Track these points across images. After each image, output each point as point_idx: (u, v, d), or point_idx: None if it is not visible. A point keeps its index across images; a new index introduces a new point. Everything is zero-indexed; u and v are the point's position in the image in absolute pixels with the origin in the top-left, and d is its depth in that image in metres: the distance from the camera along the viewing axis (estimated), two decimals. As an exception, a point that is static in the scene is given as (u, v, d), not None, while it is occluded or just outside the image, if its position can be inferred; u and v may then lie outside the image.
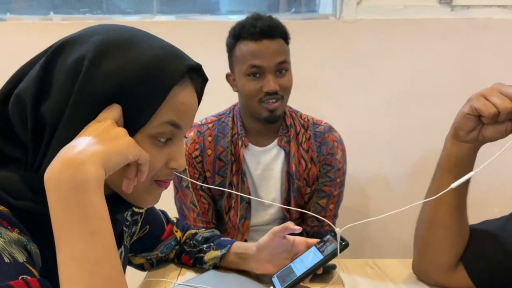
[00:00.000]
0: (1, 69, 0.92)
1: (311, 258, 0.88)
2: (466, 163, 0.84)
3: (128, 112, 0.57)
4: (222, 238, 1.04)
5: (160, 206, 1.09)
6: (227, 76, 1.35)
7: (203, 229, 1.12)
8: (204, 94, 0.70)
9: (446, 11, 1.89)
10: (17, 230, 0.55)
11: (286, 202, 1.36)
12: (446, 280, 0.87)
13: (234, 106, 1.39)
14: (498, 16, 1.88)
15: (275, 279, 0.89)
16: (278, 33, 1.25)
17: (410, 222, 0.95)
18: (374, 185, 1.90)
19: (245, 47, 1.24)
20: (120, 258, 0.72)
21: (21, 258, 0.53)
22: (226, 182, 1.33)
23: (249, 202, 1.35)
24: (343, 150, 1.39)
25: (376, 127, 1.92)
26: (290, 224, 0.93)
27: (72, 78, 0.56)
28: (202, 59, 2.19)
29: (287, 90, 1.28)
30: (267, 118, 1.27)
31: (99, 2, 2.00)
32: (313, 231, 1.37)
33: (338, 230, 0.83)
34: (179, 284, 0.93)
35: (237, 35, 1.26)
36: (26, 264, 0.53)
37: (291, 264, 0.91)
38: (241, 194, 1.32)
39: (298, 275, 0.86)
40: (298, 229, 0.93)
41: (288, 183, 1.35)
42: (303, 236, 1.17)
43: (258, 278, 0.96)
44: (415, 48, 1.89)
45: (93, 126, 0.55)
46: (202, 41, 1.84)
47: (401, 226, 1.92)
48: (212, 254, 0.99)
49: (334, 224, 1.39)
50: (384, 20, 1.87)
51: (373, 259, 1.07)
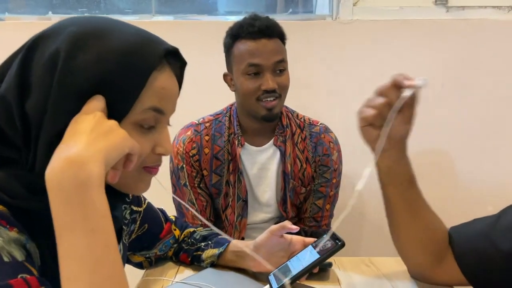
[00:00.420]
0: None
1: (308, 257, 0.89)
2: (400, 169, 0.88)
3: (110, 101, 0.57)
4: (220, 237, 1.05)
5: (158, 204, 1.10)
6: (225, 75, 1.35)
7: (201, 227, 1.13)
8: (202, 94, 0.71)
9: (441, 12, 1.91)
10: (15, 229, 0.55)
11: (282, 202, 1.37)
12: (439, 277, 0.88)
13: (231, 105, 1.40)
14: (493, 17, 1.89)
15: (272, 277, 0.90)
16: (275, 33, 1.27)
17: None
18: (369, 186, 1.90)
19: (243, 46, 1.25)
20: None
21: (20, 257, 0.53)
22: (223, 181, 1.34)
23: (245, 201, 1.36)
24: (339, 151, 1.40)
25: (372, 127, 1.93)
26: (288, 223, 0.94)
27: (50, 72, 0.56)
28: (200, 59, 2.21)
29: (285, 88, 1.29)
30: (265, 116, 1.28)
31: (97, 2, 2.00)
32: (310, 231, 1.38)
33: (333, 232, 0.85)
34: (177, 282, 0.94)
35: (235, 35, 1.27)
36: (25, 263, 0.53)
37: (288, 262, 0.92)
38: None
39: (294, 274, 0.86)
40: (295, 228, 0.94)
41: (284, 183, 1.36)
42: (301, 235, 1.17)
43: (255, 276, 0.96)
44: (411, 48, 1.90)
45: (83, 119, 0.55)
46: (200, 41, 1.85)
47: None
48: (210, 252, 1.00)
49: (330, 223, 1.40)
50: (380, 20, 1.89)
51: (369, 257, 1.08)
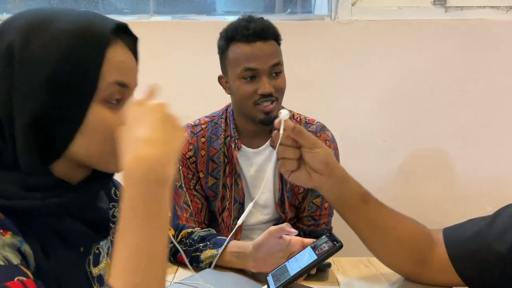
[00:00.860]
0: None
1: (306, 258, 0.89)
2: (346, 193, 0.88)
3: (75, 81, 0.59)
4: (219, 237, 1.05)
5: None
6: (220, 78, 1.33)
7: (199, 228, 1.13)
8: (200, 93, 0.71)
9: (440, 12, 1.91)
10: (10, 232, 0.56)
11: (280, 203, 1.36)
12: (429, 278, 0.88)
13: (227, 107, 1.38)
14: (491, 17, 1.90)
15: (270, 278, 0.90)
16: (271, 34, 1.25)
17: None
18: (366, 184, 1.91)
19: (238, 50, 1.23)
20: (107, 254, 0.74)
21: (15, 260, 0.54)
22: (220, 183, 1.33)
23: (242, 204, 1.35)
24: (336, 149, 1.39)
25: (370, 127, 1.93)
26: (287, 226, 0.94)
27: (8, 67, 0.57)
28: (198, 59, 2.20)
29: (282, 91, 1.28)
30: (263, 120, 1.26)
31: (96, 2, 2.00)
32: (309, 230, 1.38)
33: (331, 233, 0.86)
34: (176, 282, 0.93)
35: (229, 37, 1.25)
36: (20, 266, 0.54)
37: (286, 263, 0.92)
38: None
39: (291, 275, 0.86)
40: (294, 232, 0.94)
41: (281, 184, 1.35)
42: (300, 234, 1.16)
43: (254, 276, 0.97)
44: (410, 48, 1.90)
45: (150, 109, 0.59)
46: (199, 41, 1.84)
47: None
48: (208, 253, 1.00)
49: (329, 222, 1.40)
50: (378, 21, 1.89)
51: (367, 257, 1.07)
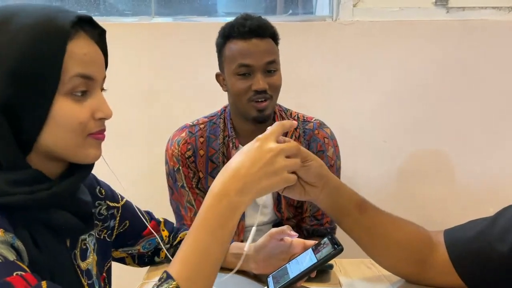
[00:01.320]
0: None
1: (307, 260, 0.89)
2: (340, 203, 0.87)
3: (37, 75, 0.60)
4: None
5: (155, 209, 1.10)
6: (217, 75, 1.35)
7: None
8: (201, 95, 0.71)
9: (441, 13, 1.91)
10: (1, 230, 0.57)
11: (277, 202, 1.36)
12: (430, 280, 0.88)
13: (225, 107, 1.39)
14: (493, 17, 1.89)
15: (270, 279, 0.90)
16: (267, 33, 1.26)
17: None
18: (367, 185, 1.91)
19: (234, 46, 1.25)
20: (93, 249, 0.76)
21: (11, 256, 0.56)
22: None
23: None
24: (335, 146, 1.38)
25: (371, 128, 1.93)
26: (287, 228, 0.94)
27: None
28: (199, 60, 2.21)
29: (276, 89, 1.27)
30: (256, 117, 1.27)
31: (97, 3, 2.00)
32: (312, 229, 1.37)
33: (333, 236, 0.86)
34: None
35: (226, 35, 1.27)
36: (17, 261, 0.56)
37: (287, 265, 0.92)
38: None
39: (291, 277, 0.86)
40: (294, 234, 0.93)
41: None
42: (303, 234, 1.15)
43: (255, 277, 0.96)
44: (411, 49, 1.90)
45: (263, 150, 0.65)
46: (200, 42, 1.84)
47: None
48: None
49: (332, 223, 1.38)
50: (380, 21, 1.89)
51: (370, 259, 1.07)
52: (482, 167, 1.95)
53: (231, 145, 1.32)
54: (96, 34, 0.68)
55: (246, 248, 0.69)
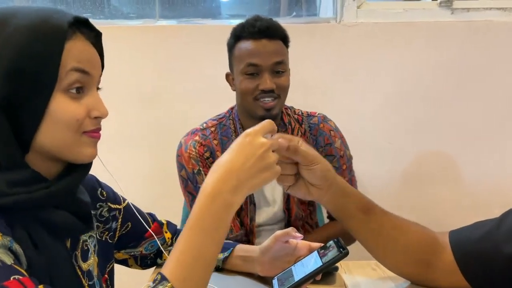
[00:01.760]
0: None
1: (312, 263, 0.89)
2: (344, 205, 0.87)
3: (36, 75, 0.61)
4: (224, 241, 1.04)
5: (159, 211, 1.10)
6: (227, 75, 1.36)
7: None
8: (204, 97, 0.72)
9: (446, 14, 1.90)
10: None
11: (286, 199, 1.37)
12: (436, 281, 0.88)
13: (232, 108, 1.40)
14: (498, 18, 1.89)
15: (275, 281, 0.90)
16: (277, 34, 1.27)
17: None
18: (371, 186, 1.91)
19: (243, 46, 1.26)
20: (94, 251, 0.77)
21: (8, 260, 0.56)
22: None
23: (254, 204, 1.36)
24: (342, 137, 1.39)
25: (375, 129, 1.93)
26: (292, 230, 0.94)
27: None
28: (204, 63, 2.20)
29: (284, 89, 1.28)
30: (263, 116, 1.26)
31: (102, 7, 2.01)
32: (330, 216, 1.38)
33: (338, 239, 0.86)
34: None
35: (237, 35, 1.29)
36: (14, 265, 0.56)
37: (292, 267, 0.92)
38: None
39: (296, 280, 0.86)
40: (300, 236, 0.93)
41: None
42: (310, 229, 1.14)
43: (261, 279, 0.96)
44: (415, 51, 1.90)
45: (254, 145, 0.65)
46: (204, 44, 1.85)
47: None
48: None
49: None
50: (384, 23, 1.89)
51: (375, 260, 1.07)
52: (486, 168, 1.94)
53: None
54: (92, 36, 0.69)
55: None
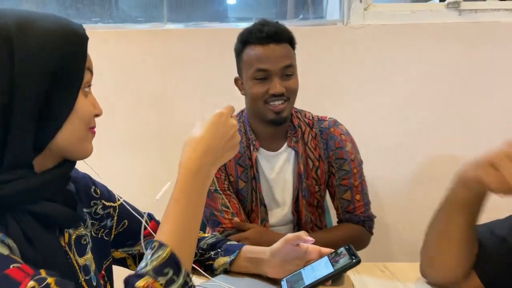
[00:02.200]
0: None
1: (322, 268, 0.89)
2: (477, 201, 0.81)
3: (67, 76, 0.65)
4: (229, 243, 1.04)
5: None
6: (236, 80, 1.38)
7: (204, 234, 1.11)
8: (212, 100, 0.74)
9: (453, 15, 1.90)
10: None
11: (296, 201, 1.37)
12: (455, 286, 0.87)
13: (242, 111, 1.41)
14: (505, 19, 1.88)
15: (284, 283, 0.90)
16: (284, 38, 1.28)
17: (421, 225, 0.96)
18: (381, 189, 1.90)
19: (252, 52, 1.27)
20: (91, 248, 0.78)
21: (5, 251, 0.58)
22: (249, 186, 1.35)
23: (265, 205, 1.37)
24: (352, 141, 1.40)
25: (383, 131, 1.92)
26: (303, 234, 0.94)
27: (8, 63, 0.61)
28: (211, 66, 2.22)
29: (293, 92, 1.30)
30: (274, 119, 1.29)
31: (110, 11, 2.03)
32: (346, 217, 1.37)
33: (350, 246, 0.86)
34: (197, 286, 0.94)
35: (244, 40, 1.30)
36: (11, 255, 0.58)
37: (302, 270, 0.92)
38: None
39: (306, 284, 0.86)
40: (311, 240, 0.93)
41: (298, 183, 1.36)
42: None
43: (269, 280, 0.97)
44: (423, 52, 1.89)
45: (224, 127, 0.74)
46: (211, 48, 1.86)
47: (412, 229, 1.92)
48: (221, 261, 1.00)
49: (368, 211, 1.38)
50: (391, 25, 1.88)
51: (383, 263, 1.07)
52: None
53: (252, 147, 1.34)
54: None
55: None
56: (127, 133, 1.92)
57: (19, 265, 0.57)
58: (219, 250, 1.02)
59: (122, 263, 1.01)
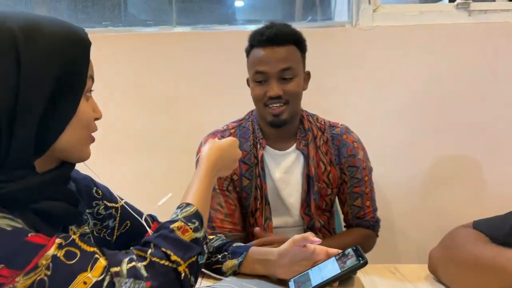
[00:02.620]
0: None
1: (329, 269, 0.89)
2: None
3: (72, 80, 0.67)
4: (235, 245, 1.04)
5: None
6: (247, 80, 1.39)
7: (213, 235, 1.11)
8: (222, 102, 0.76)
9: (463, 16, 1.89)
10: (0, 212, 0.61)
11: (305, 204, 1.37)
12: None
13: (252, 111, 1.43)
14: (516, 19, 1.86)
15: (292, 283, 0.90)
16: (286, 40, 1.28)
17: (431, 227, 0.95)
18: (390, 191, 1.89)
19: (254, 54, 1.30)
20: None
21: (19, 225, 0.60)
22: (253, 184, 1.36)
23: (269, 203, 1.37)
24: (363, 149, 1.41)
25: (392, 132, 1.92)
26: (311, 235, 0.94)
27: (14, 66, 0.62)
28: (220, 68, 2.23)
29: (292, 95, 1.29)
30: (272, 122, 1.31)
31: (120, 15, 2.06)
32: (355, 223, 1.40)
33: (358, 247, 0.85)
34: (206, 287, 0.94)
35: (250, 43, 1.33)
36: (25, 227, 0.61)
37: (309, 271, 0.92)
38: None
39: (313, 285, 0.86)
40: (318, 241, 0.93)
41: (308, 186, 1.36)
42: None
43: (278, 281, 0.96)
44: (432, 53, 1.88)
45: (236, 153, 0.98)
46: (220, 50, 1.87)
47: (421, 231, 1.90)
48: (229, 264, 0.99)
49: (376, 216, 1.43)
50: (400, 26, 1.88)
51: (393, 264, 1.06)
52: (507, 171, 1.91)
53: (259, 146, 1.35)
54: None
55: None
56: (136, 135, 1.93)
57: (35, 233, 0.60)
58: (226, 252, 1.02)
59: None
